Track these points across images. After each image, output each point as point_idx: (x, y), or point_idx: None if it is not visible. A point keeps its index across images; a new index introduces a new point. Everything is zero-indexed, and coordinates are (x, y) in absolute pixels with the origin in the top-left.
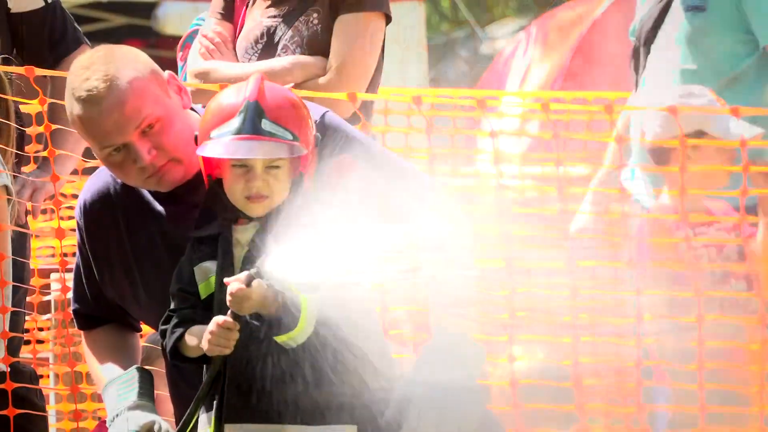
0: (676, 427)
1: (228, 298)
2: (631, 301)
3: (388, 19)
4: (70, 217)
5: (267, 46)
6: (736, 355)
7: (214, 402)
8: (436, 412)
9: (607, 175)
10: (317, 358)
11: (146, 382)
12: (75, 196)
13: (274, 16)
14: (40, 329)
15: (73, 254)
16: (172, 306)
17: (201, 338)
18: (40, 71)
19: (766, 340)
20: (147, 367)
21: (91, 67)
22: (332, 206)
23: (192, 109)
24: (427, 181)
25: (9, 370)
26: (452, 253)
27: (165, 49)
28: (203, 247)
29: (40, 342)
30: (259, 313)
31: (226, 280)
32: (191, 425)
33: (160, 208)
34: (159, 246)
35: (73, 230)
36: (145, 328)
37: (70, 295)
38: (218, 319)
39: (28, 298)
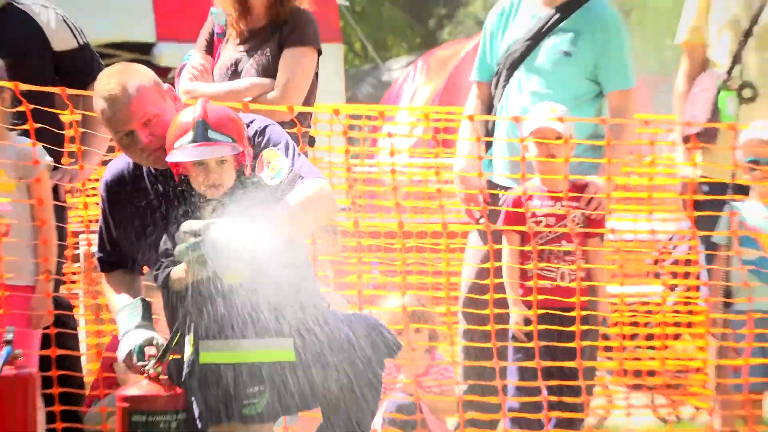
0: None
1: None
2: None
3: (320, 52)
4: (93, 194)
5: (234, 72)
6: None
7: (192, 325)
8: None
9: (466, 163)
10: (263, 289)
11: (148, 309)
12: (96, 180)
13: (241, 51)
14: (73, 273)
15: (97, 220)
16: (160, 262)
17: (182, 270)
18: (71, 91)
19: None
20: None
21: (112, 76)
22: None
23: None
24: (309, 174)
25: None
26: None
27: (159, 77)
28: (180, 221)
29: (72, 282)
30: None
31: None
32: (176, 341)
33: (156, 186)
34: (155, 213)
35: (96, 204)
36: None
37: (93, 249)
38: (179, 247)
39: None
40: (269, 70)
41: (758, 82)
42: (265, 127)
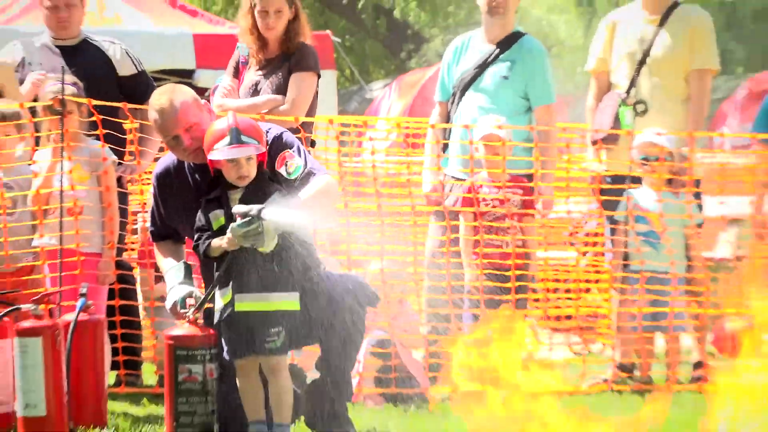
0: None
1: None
2: None
3: (319, 76)
4: (148, 183)
5: (255, 91)
6: None
7: (230, 282)
8: None
9: (431, 160)
10: (281, 257)
11: (189, 270)
12: (150, 172)
13: (260, 75)
14: (132, 243)
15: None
16: (197, 235)
17: (222, 241)
18: (131, 105)
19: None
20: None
21: (162, 94)
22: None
23: None
24: (319, 170)
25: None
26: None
27: (198, 95)
28: (212, 204)
29: (132, 250)
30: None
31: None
32: (211, 294)
33: (194, 177)
34: (193, 198)
35: (149, 190)
36: None
37: (147, 224)
38: (233, 225)
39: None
40: (281, 89)
41: (648, 100)
42: (282, 133)
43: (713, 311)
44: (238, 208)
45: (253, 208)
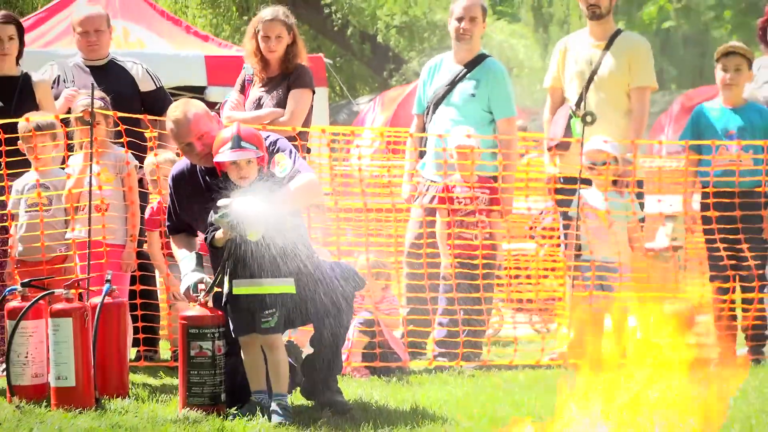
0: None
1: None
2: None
3: (314, 92)
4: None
5: (258, 105)
6: None
7: (228, 269)
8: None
9: (410, 165)
10: (276, 247)
11: (200, 259)
12: (166, 176)
13: (262, 91)
14: None
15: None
16: (208, 228)
17: (222, 233)
18: (151, 117)
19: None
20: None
21: (177, 107)
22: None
23: None
24: (305, 170)
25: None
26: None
27: (209, 108)
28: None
29: None
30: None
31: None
32: (218, 280)
33: (205, 178)
34: (204, 197)
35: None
36: None
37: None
38: (215, 216)
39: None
40: (281, 103)
41: (596, 112)
42: (277, 139)
43: (653, 294)
44: (219, 202)
45: (228, 201)
